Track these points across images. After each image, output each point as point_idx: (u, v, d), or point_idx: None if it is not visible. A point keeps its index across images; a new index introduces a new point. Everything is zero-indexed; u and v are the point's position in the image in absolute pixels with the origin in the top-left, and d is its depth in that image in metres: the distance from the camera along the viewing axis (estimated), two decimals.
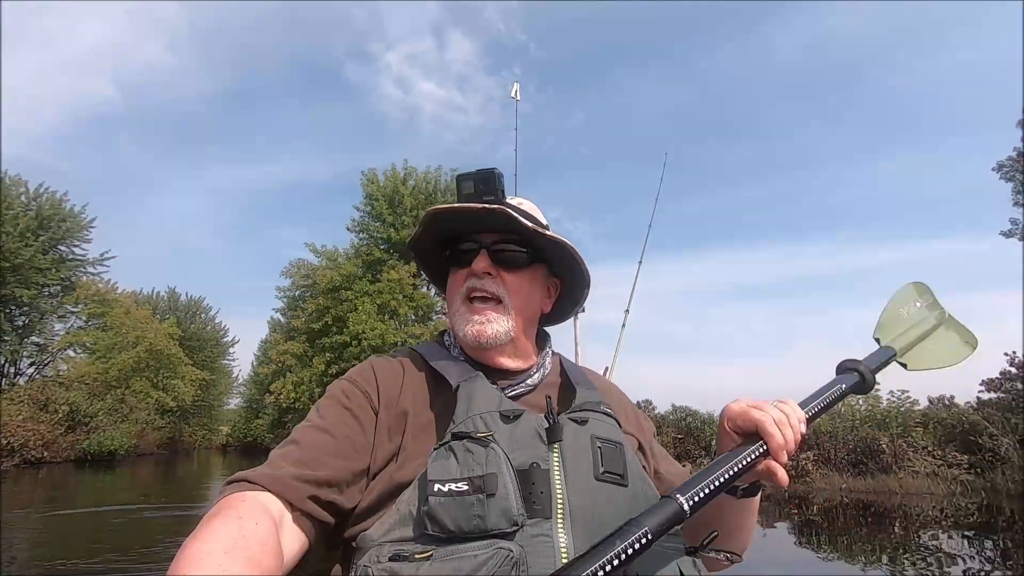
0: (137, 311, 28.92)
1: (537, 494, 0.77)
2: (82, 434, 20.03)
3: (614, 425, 0.94)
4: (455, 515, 0.72)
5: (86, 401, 21.19)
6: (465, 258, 1.01)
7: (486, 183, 0.98)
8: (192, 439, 34.66)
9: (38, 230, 26.16)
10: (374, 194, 25.70)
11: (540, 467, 0.80)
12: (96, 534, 8.53)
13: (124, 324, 27.45)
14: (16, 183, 26.40)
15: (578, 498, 0.79)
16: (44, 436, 17.76)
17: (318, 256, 25.45)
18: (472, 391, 0.89)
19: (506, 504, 0.73)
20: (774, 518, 10.19)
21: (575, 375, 1.06)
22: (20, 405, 18.08)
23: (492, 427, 0.82)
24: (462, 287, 1.00)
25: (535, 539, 0.73)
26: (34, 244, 25.36)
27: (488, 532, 0.71)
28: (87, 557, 6.77)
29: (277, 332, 28.86)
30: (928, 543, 7.88)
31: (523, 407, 0.89)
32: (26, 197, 26.56)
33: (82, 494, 13.12)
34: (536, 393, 1.00)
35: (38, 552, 7.22)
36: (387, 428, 0.90)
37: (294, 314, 25.16)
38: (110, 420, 22.20)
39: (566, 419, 0.89)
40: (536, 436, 0.84)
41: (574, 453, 0.84)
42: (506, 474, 0.75)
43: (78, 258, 28.59)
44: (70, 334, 27.69)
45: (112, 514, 10.21)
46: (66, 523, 9.34)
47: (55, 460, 18.07)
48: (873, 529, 9.27)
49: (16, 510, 10.40)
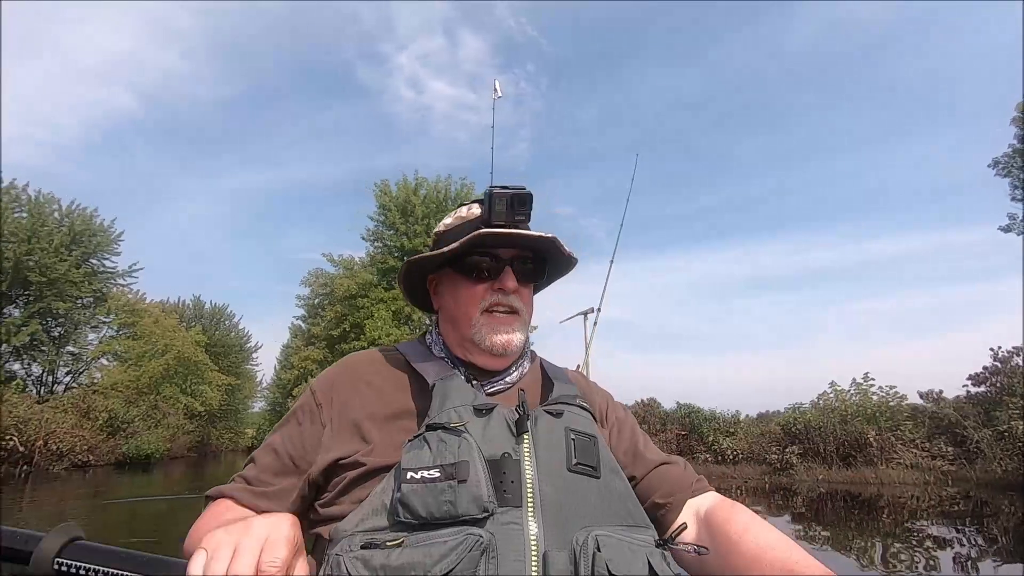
0: (165, 320, 30.12)
1: (508, 483, 0.78)
2: (121, 439, 21.37)
3: (589, 419, 0.96)
4: (426, 501, 0.74)
5: (123, 408, 22.53)
6: (483, 270, 1.02)
7: (522, 204, 0.99)
8: (219, 442, 35.92)
9: (71, 245, 27.47)
10: (387, 204, 26.74)
11: (511, 457, 0.81)
12: (157, 517, 9.63)
13: (153, 333, 28.67)
14: (49, 200, 27.77)
15: (549, 488, 0.80)
16: (88, 441, 19.13)
17: (335, 265, 26.65)
18: (448, 388, 0.92)
19: (477, 491, 0.74)
20: (765, 511, 10.95)
21: (553, 372, 1.10)
22: (65, 413, 19.42)
23: (465, 419, 0.84)
24: (483, 300, 1.02)
25: (505, 527, 0.75)
26: (68, 259, 26.68)
27: (459, 518, 0.73)
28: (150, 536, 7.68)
29: (298, 338, 30.08)
30: (891, 528, 8.64)
31: (500, 402, 0.91)
32: (59, 214, 27.93)
33: (127, 491, 14.34)
34: (513, 390, 1.02)
35: (108, 534, 8.13)
36: (339, 433, 0.93)
37: (313, 321, 26.38)
38: (145, 425, 23.54)
39: (541, 411, 0.91)
40: (507, 427, 0.86)
41: (547, 444, 0.85)
42: (478, 462, 0.77)
43: (108, 270, 29.91)
44: (103, 343, 29.07)
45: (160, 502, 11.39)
46: (122, 511, 10.48)
47: (99, 463, 19.42)
48: (850, 514, 10.05)
49: (75, 501, 11.63)
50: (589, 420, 0.95)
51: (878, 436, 14.66)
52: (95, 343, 29.49)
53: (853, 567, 6.04)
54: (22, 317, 25.63)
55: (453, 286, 1.05)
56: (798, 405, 17.55)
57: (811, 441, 15.27)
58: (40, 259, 25.29)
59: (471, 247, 0.98)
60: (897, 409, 15.80)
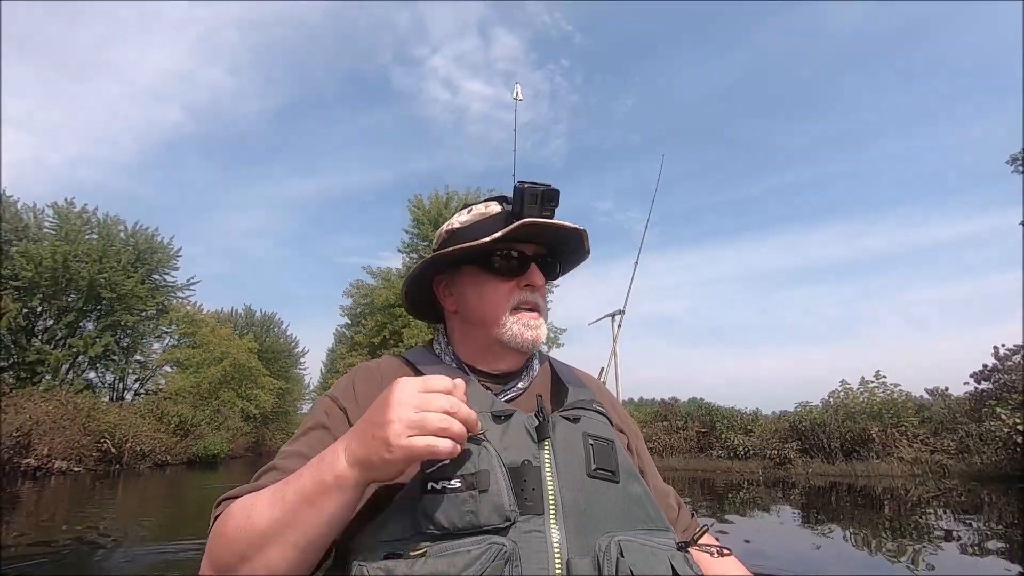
0: (221, 329, 32.39)
1: (529, 491, 0.78)
2: (191, 440, 23.71)
3: (606, 423, 0.96)
4: (448, 512, 0.73)
5: (190, 412, 24.91)
6: (513, 267, 1.02)
7: (551, 200, 0.98)
8: (272, 442, 37.84)
9: (136, 263, 29.91)
10: (420, 218, 28.61)
11: (531, 464, 0.80)
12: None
13: (211, 341, 30.86)
14: (116, 222, 30.35)
15: (570, 494, 0.79)
16: (165, 443, 21.47)
17: (374, 277, 28.69)
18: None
19: (498, 500, 0.74)
20: (768, 501, 12.08)
21: (567, 376, 1.09)
22: (143, 418, 21.82)
23: (484, 427, 0.82)
24: (512, 297, 1.02)
25: (528, 535, 0.74)
26: (134, 276, 28.92)
27: (481, 528, 0.72)
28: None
29: (342, 344, 32.21)
30: (868, 515, 9.78)
31: (517, 408, 0.90)
32: (125, 234, 30.50)
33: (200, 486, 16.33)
34: (528, 394, 1.02)
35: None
36: None
37: (356, 329, 28.43)
38: (210, 428, 25.85)
39: (558, 417, 0.90)
40: (527, 434, 0.85)
41: (566, 450, 0.85)
42: (498, 471, 0.76)
43: (169, 284, 32.20)
44: (166, 352, 31.46)
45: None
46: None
47: (174, 463, 21.74)
48: (835, 502, 11.22)
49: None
50: (605, 424, 0.95)
51: (881, 432, 15.64)
52: (159, 352, 31.95)
53: (813, 541, 7.23)
54: (96, 330, 28.18)
55: (477, 284, 1.03)
56: (807, 403, 18.60)
57: (816, 437, 16.23)
58: (110, 277, 27.71)
59: (498, 243, 0.97)
60: (902, 406, 16.60)
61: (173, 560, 5.64)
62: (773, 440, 17.38)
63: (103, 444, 18.65)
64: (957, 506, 9.85)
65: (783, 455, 15.75)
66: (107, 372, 29.92)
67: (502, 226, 0.97)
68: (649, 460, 1.13)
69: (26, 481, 14.45)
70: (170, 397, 25.68)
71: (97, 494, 12.54)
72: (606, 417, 0.98)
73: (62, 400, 18.73)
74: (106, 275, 27.44)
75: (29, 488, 13.03)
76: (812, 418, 16.70)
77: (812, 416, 16.82)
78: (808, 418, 16.75)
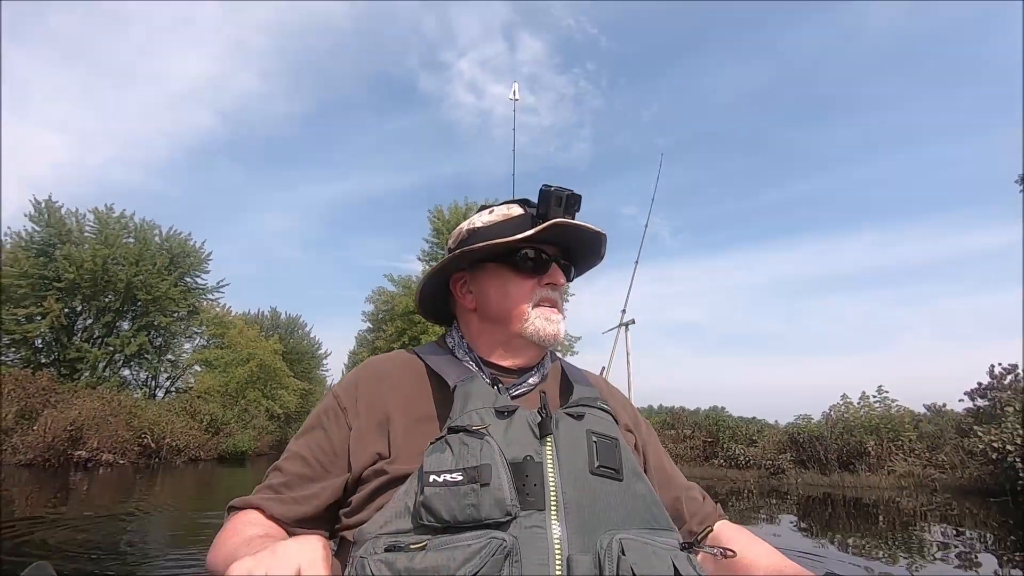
0: (247, 330, 33.72)
1: (531, 486, 0.78)
2: (221, 438, 24.98)
3: (610, 421, 0.97)
4: (450, 505, 0.74)
5: (220, 411, 26.22)
6: (537, 266, 1.05)
7: (574, 204, 1.01)
8: None
9: (170, 266, 31.49)
10: (440, 228, 29.71)
11: (533, 460, 0.81)
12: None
13: (238, 342, 32.16)
14: (151, 227, 31.87)
15: (572, 491, 0.80)
16: (198, 439, 22.76)
17: (395, 284, 29.84)
18: (469, 390, 0.92)
19: (500, 494, 0.74)
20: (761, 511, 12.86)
21: (574, 375, 1.11)
22: (177, 415, 23.15)
23: (487, 422, 0.84)
24: (534, 294, 1.05)
25: (529, 530, 0.75)
26: (168, 279, 30.42)
27: (482, 522, 0.73)
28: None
29: (364, 347, 33.40)
30: (835, 520, 10.54)
31: (521, 405, 0.91)
32: (159, 238, 32.05)
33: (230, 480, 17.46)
34: (535, 391, 1.04)
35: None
36: (367, 435, 0.94)
37: (377, 334, 29.57)
38: (239, 426, 27.09)
39: (562, 414, 0.91)
40: (529, 430, 0.86)
41: (569, 447, 0.86)
42: (500, 465, 0.77)
43: (200, 287, 33.53)
44: (196, 352, 32.85)
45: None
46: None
47: (206, 458, 23.04)
48: (817, 510, 11.96)
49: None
50: (610, 422, 0.96)
51: (876, 445, 16.27)
52: (189, 352, 33.36)
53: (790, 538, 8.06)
54: (132, 330, 29.67)
55: (500, 281, 1.06)
56: (807, 415, 19.25)
57: (812, 449, 16.81)
58: (146, 279, 29.14)
59: (525, 242, 1.00)
60: (898, 421, 17.01)
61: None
62: (772, 451, 18.03)
63: (143, 439, 19.96)
64: (933, 516, 10.58)
65: (777, 465, 16.50)
66: (141, 370, 31.47)
67: (528, 226, 1.01)
68: (668, 459, 1.16)
69: (78, 471, 15.79)
70: (201, 396, 27.05)
71: (140, 485, 13.68)
72: (612, 416, 0.99)
73: (107, 397, 20.09)
74: (142, 277, 28.83)
75: (80, 478, 14.29)
76: (810, 430, 17.40)
77: (810, 428, 17.52)
78: (806, 430, 17.46)
